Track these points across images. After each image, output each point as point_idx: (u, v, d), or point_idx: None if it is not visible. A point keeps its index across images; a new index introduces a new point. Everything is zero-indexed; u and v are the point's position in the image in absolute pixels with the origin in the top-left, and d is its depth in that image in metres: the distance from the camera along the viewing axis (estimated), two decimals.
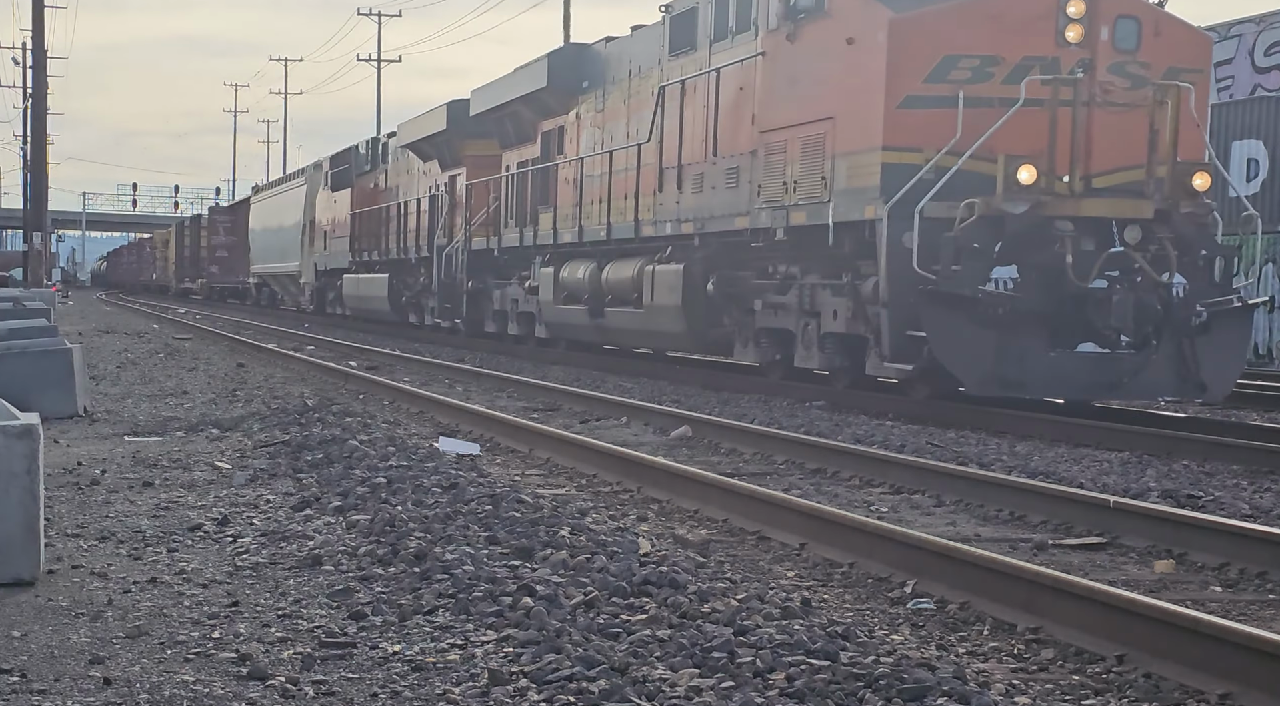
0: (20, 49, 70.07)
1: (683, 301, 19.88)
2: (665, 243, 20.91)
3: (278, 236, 55.16)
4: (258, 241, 60.98)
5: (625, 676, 4.83)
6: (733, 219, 18.56)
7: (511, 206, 28.54)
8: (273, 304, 61.14)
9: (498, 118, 28.57)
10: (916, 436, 13.31)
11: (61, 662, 5.11)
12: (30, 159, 57.21)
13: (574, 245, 24.77)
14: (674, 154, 20.47)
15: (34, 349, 13.96)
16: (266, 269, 58.73)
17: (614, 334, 23.64)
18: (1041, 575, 6.05)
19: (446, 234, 32.05)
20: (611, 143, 23.25)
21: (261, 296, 63.90)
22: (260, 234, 60.31)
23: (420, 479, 9.08)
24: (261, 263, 60.06)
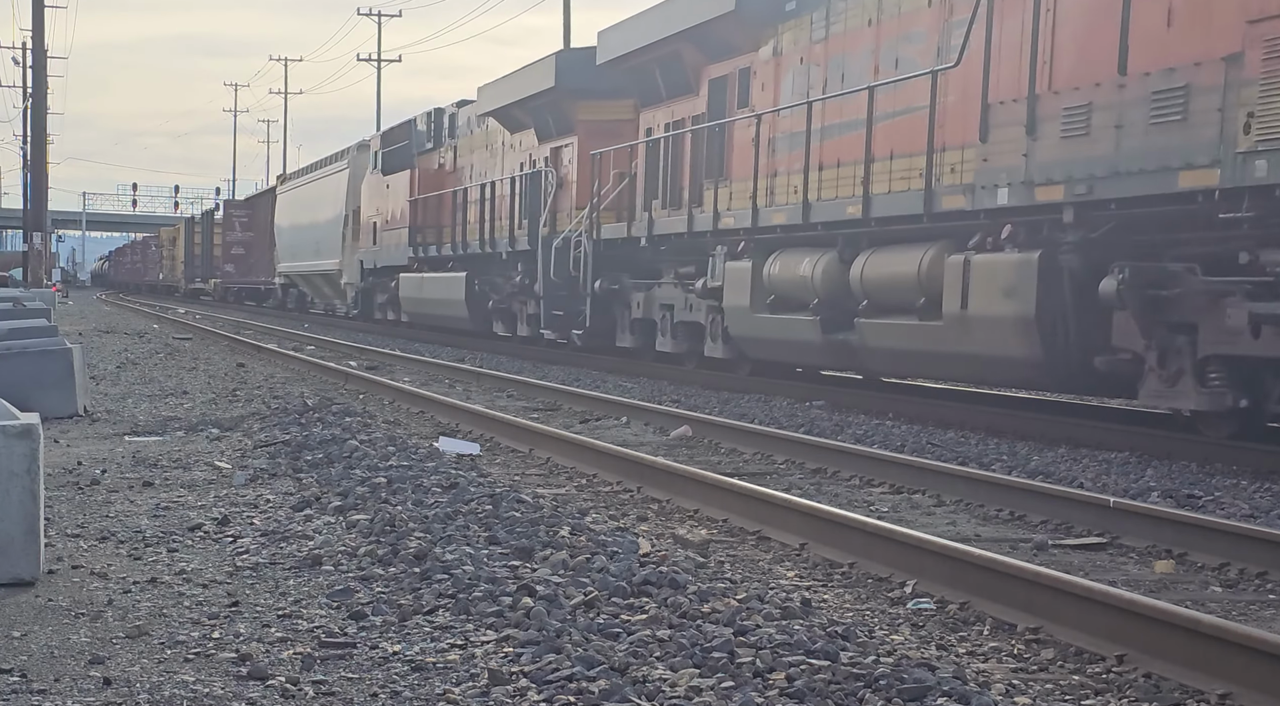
0: (20, 49, 70.13)
1: (1037, 311, 13.38)
2: (993, 218, 14.25)
3: (311, 231, 48.78)
4: (285, 237, 54.38)
5: (625, 676, 4.83)
6: (1170, 174, 11.82)
7: (661, 181, 21.97)
8: (302, 307, 55.02)
9: (637, 67, 22.42)
10: (916, 436, 13.31)
11: (61, 662, 5.11)
12: (30, 159, 57.20)
13: (791, 228, 18.05)
14: (1017, 77, 13.75)
15: (34, 349, 13.96)
16: (296, 267, 52.22)
17: (872, 357, 16.67)
18: (1041, 575, 6.05)
19: (551, 221, 25.97)
20: (849, 80, 16.87)
21: (288, 298, 57.29)
22: (288, 229, 53.89)
23: (420, 479, 9.08)
24: (290, 260, 53.42)
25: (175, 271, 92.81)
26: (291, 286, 55.50)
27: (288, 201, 54.74)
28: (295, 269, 52.42)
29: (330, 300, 49.28)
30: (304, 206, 50.62)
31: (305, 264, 50.13)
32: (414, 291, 34.38)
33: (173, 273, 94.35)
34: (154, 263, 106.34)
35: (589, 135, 24.96)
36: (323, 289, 49.15)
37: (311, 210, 48.83)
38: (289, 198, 54.77)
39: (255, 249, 67.28)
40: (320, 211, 47.12)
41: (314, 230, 47.96)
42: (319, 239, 46.99)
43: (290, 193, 55.06)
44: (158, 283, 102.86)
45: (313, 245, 48.06)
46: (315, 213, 48.08)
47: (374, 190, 39.21)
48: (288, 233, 53.76)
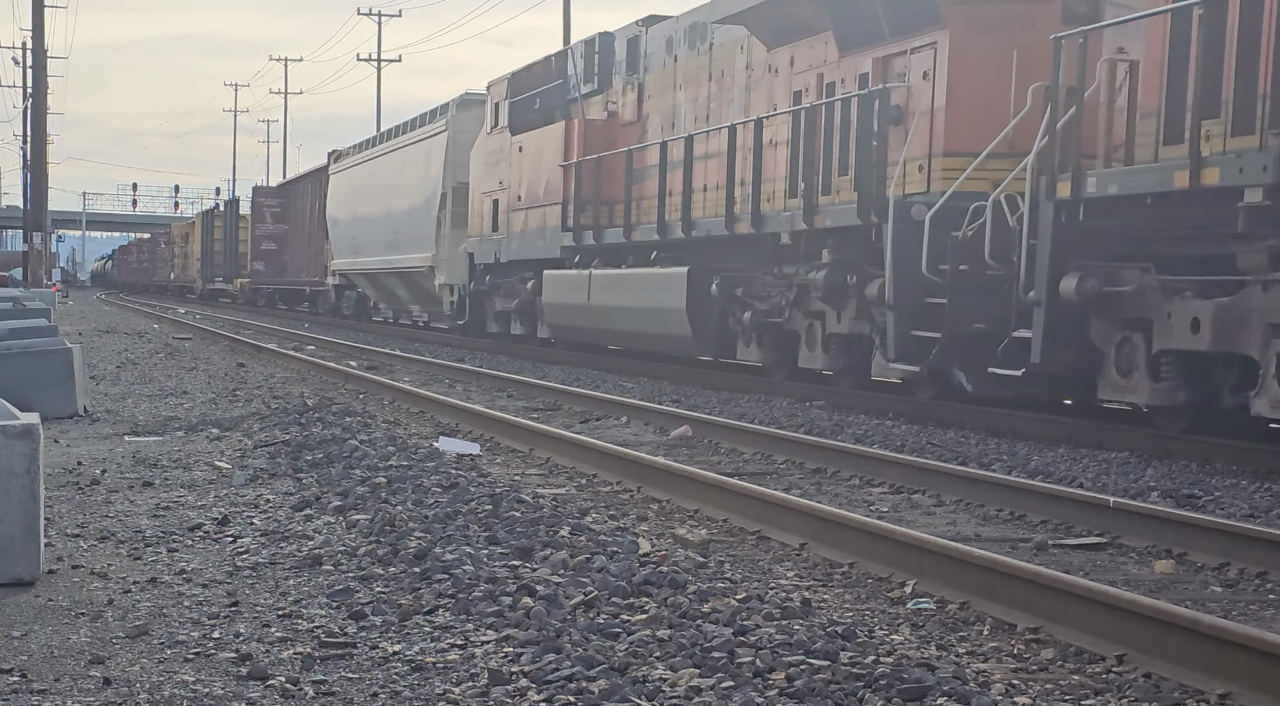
0: (20, 49, 70.13)
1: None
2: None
3: (383, 218, 38.40)
4: (344, 228, 43.47)
5: (625, 676, 4.83)
6: None
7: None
8: (363, 313, 44.89)
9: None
10: (916, 436, 13.31)
11: (61, 662, 5.11)
12: (30, 159, 57.20)
13: None
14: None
15: (34, 349, 13.96)
16: (359, 265, 41.36)
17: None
18: (1041, 575, 6.05)
19: (900, 179, 15.73)
20: None
21: (343, 303, 46.31)
22: (347, 218, 43.17)
23: (420, 479, 9.08)
24: (349, 256, 42.47)
25: (190, 270, 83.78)
26: (348, 288, 45.37)
27: (346, 183, 43.87)
28: (358, 267, 41.71)
29: (407, 305, 39.98)
30: (373, 187, 40.17)
31: (374, 260, 39.52)
32: (572, 295, 23.97)
33: (186, 271, 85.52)
34: (164, 261, 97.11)
35: (975, 30, 15.50)
36: (397, 291, 39.01)
37: (385, 191, 38.61)
38: (348, 179, 43.81)
39: (291, 243, 57.15)
40: (400, 192, 37.02)
41: (388, 217, 37.88)
42: (398, 227, 36.90)
43: (349, 172, 43.71)
44: (168, 283, 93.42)
45: (386, 235, 37.95)
46: (391, 194, 37.84)
47: (493, 156, 28.60)
48: (347, 223, 43.18)
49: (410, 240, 35.60)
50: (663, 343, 21.67)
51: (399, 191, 37.23)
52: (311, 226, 51.53)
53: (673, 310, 20.52)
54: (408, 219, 36.10)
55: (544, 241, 25.87)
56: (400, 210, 36.78)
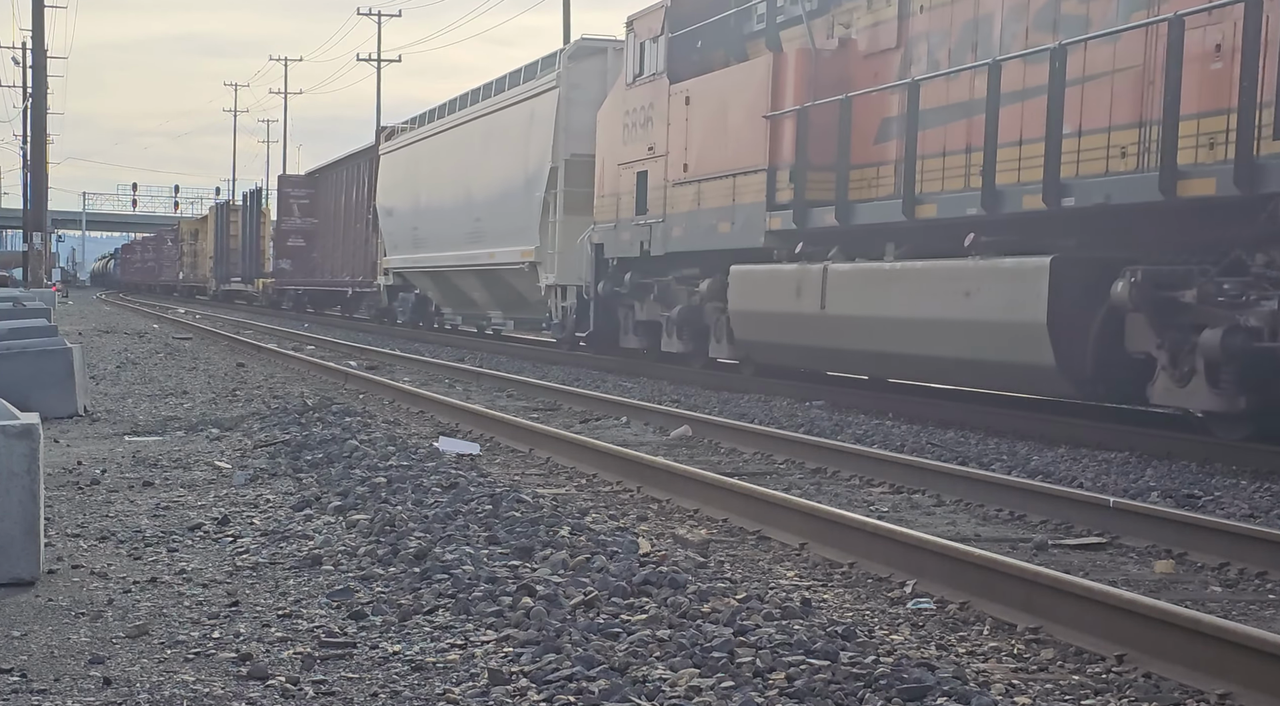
0: (20, 49, 70.17)
1: None
2: None
3: (460, 205, 31.82)
4: (401, 218, 37.00)
5: (625, 676, 4.83)
6: None
7: None
8: (423, 320, 37.65)
9: None
10: (916, 436, 13.31)
11: (61, 662, 5.11)
12: (30, 159, 57.24)
13: None
14: None
15: (34, 349, 13.96)
16: (421, 262, 35.01)
17: None
18: (1041, 575, 6.05)
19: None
20: None
21: (399, 307, 38.84)
22: (404, 206, 36.74)
23: (420, 479, 9.08)
24: (409, 252, 36.12)
25: (201, 269, 77.97)
26: (405, 289, 38.17)
27: (404, 165, 37.08)
28: (420, 264, 35.13)
29: (485, 311, 33.06)
30: (443, 167, 33.58)
31: (444, 256, 32.69)
32: (785, 300, 17.32)
33: (196, 271, 79.83)
34: (170, 260, 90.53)
35: None
36: (473, 294, 32.31)
37: (462, 171, 31.99)
38: (406, 159, 36.98)
39: (322, 239, 50.50)
40: (484, 171, 30.20)
41: (466, 203, 31.38)
42: (480, 215, 30.30)
43: (408, 151, 36.92)
44: (176, 283, 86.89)
45: (463, 226, 31.37)
46: (471, 174, 31.20)
47: (637, 115, 21.95)
48: (405, 212, 36.59)
49: (499, 231, 28.82)
50: (988, 375, 14.57)
51: (482, 170, 30.28)
52: (348, 219, 46.02)
53: (1019, 325, 13.54)
54: (496, 204, 29.16)
55: (732, 225, 18.84)
56: (485, 193, 30.14)
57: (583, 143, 25.24)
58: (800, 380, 18.60)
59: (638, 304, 22.64)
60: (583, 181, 25.07)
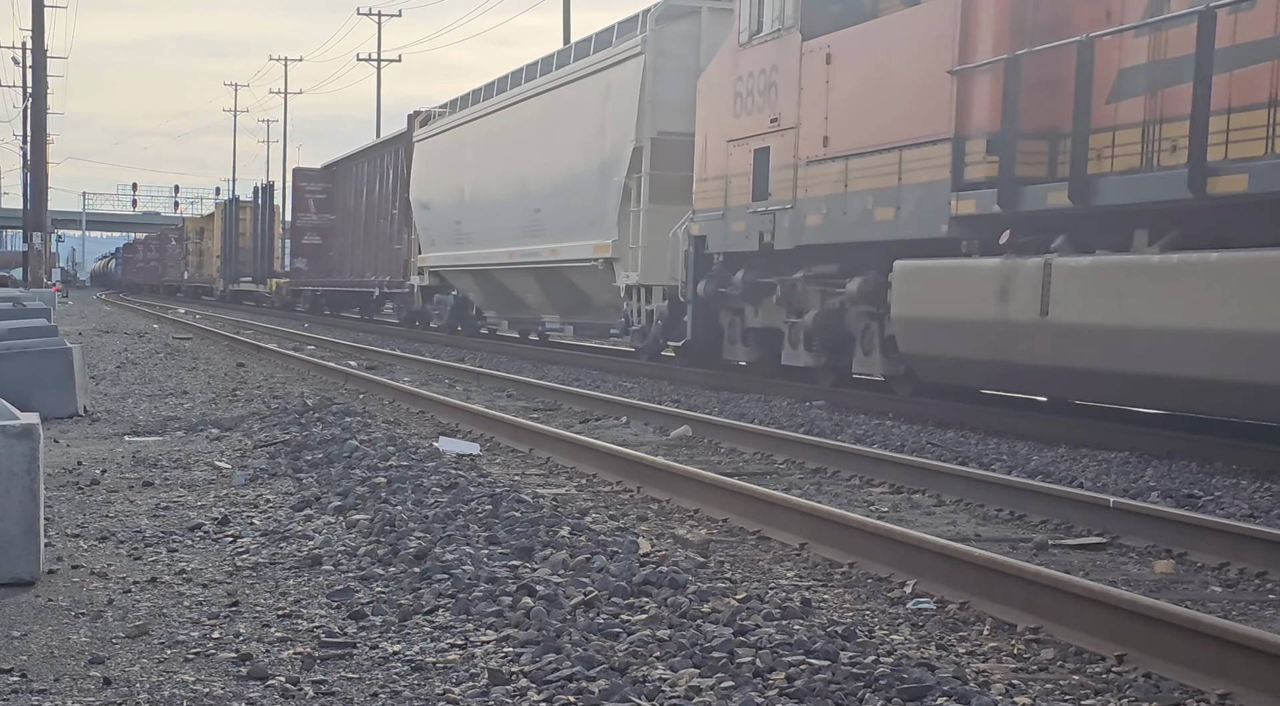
0: (20, 49, 70.20)
1: None
2: None
3: (514, 195, 28.26)
4: (438, 212, 33.49)
5: (625, 676, 4.83)
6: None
7: None
8: (462, 325, 33.78)
9: None
10: (916, 436, 13.31)
11: (61, 662, 5.11)
12: (30, 159, 57.26)
13: None
14: None
15: (34, 349, 13.96)
16: (465, 260, 31.32)
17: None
18: (1041, 575, 6.05)
19: None
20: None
21: (436, 311, 35.23)
22: (444, 199, 33.08)
23: (420, 479, 9.08)
24: (448, 249, 32.57)
25: (207, 269, 74.94)
26: (443, 290, 34.43)
27: (443, 152, 33.37)
28: (463, 262, 31.38)
29: (540, 314, 29.19)
30: (493, 152, 29.87)
31: (494, 253, 29.07)
32: (984, 305, 13.79)
33: (202, 270, 76.68)
34: (175, 259, 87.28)
35: None
36: (527, 295, 28.73)
37: (517, 155, 28.33)
38: (446, 146, 33.27)
39: (339, 236, 47.06)
40: (546, 154, 26.76)
41: (522, 192, 27.86)
42: (541, 205, 26.81)
43: (449, 137, 33.12)
44: (181, 283, 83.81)
45: (518, 218, 27.79)
46: (529, 158, 27.60)
47: (754, 81, 18.32)
48: (445, 205, 32.87)
49: (564, 224, 25.38)
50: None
51: (543, 154, 26.78)
52: (371, 214, 42.52)
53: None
54: (561, 193, 25.74)
55: (897, 211, 15.22)
56: (546, 181, 26.58)
57: (672, 118, 21.93)
58: (802, 380, 18.58)
59: (750, 308, 19.05)
60: (673, 163, 21.86)
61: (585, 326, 28.27)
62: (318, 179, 50.13)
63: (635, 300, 22.89)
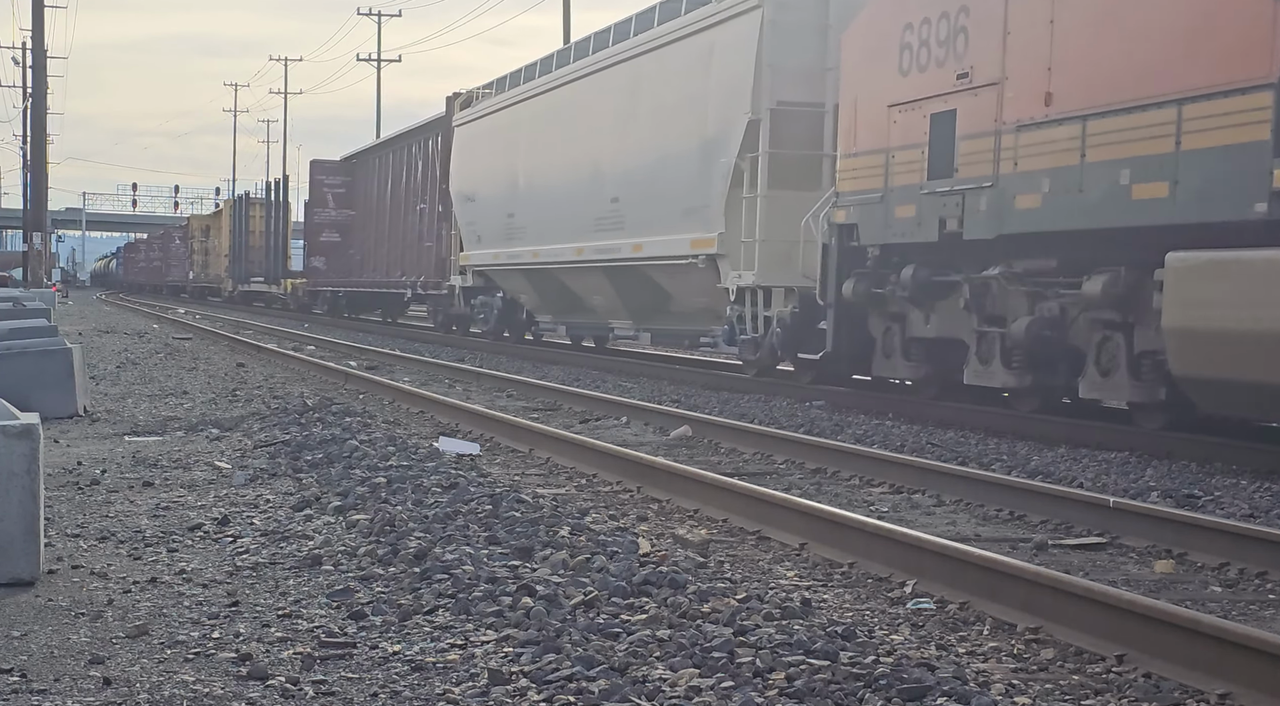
0: (20, 49, 70.22)
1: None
2: None
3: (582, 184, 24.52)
4: (485, 205, 29.57)
5: (625, 676, 4.83)
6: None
7: None
8: (510, 330, 30.04)
9: None
10: (916, 436, 13.31)
11: (61, 662, 5.11)
12: (30, 159, 57.27)
13: None
14: None
15: (34, 349, 13.96)
16: (519, 258, 27.48)
17: None
18: (1041, 575, 6.05)
19: None
20: None
21: (481, 314, 31.06)
22: (491, 190, 29.33)
23: (420, 479, 9.08)
24: (498, 245, 28.73)
25: (214, 269, 72.07)
26: (487, 292, 30.57)
27: (492, 137, 29.44)
28: (520, 260, 27.43)
29: (607, 321, 25.75)
30: (553, 136, 26.24)
31: (554, 249, 25.61)
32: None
33: (208, 270, 73.84)
34: (179, 259, 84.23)
35: None
36: (596, 298, 25.21)
37: (584, 138, 24.64)
38: (496, 130, 29.35)
39: (361, 233, 43.94)
40: (623, 134, 23.04)
41: (593, 180, 24.09)
42: (621, 194, 23.11)
43: (500, 118, 29.16)
44: (185, 283, 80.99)
45: (591, 210, 24.07)
46: (601, 140, 23.89)
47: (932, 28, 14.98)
48: (493, 197, 29.12)
49: (651, 215, 21.79)
50: None
51: (623, 134, 22.95)
52: (397, 209, 39.49)
53: None
54: (647, 179, 22.01)
55: (1173, 187, 11.65)
56: (627, 165, 22.81)
57: (797, 86, 18.60)
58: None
59: (918, 313, 15.55)
60: (797, 140, 18.72)
61: (666, 333, 24.74)
62: (336, 172, 46.66)
63: (754, 304, 19.06)
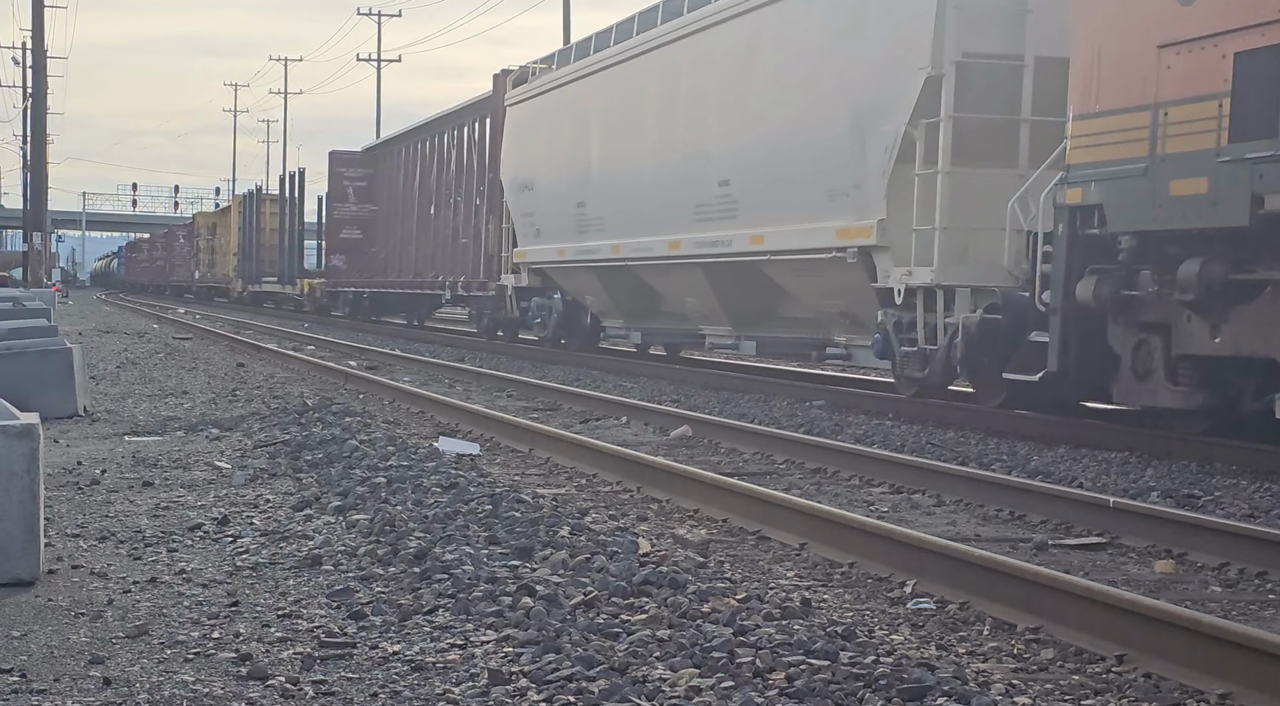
0: (20, 49, 70.21)
1: None
2: None
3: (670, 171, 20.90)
4: (547, 195, 25.75)
5: (625, 676, 4.83)
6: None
7: None
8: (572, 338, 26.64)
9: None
10: (916, 436, 13.31)
11: (61, 662, 5.11)
12: (30, 159, 57.28)
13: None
14: None
15: (34, 349, 13.96)
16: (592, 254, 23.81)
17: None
18: (1041, 575, 6.05)
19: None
20: None
21: (539, 317, 27.46)
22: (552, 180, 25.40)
23: (420, 479, 9.08)
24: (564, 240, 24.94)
25: (220, 268, 68.85)
26: (543, 293, 27.15)
27: (556, 116, 25.50)
28: (599, 256, 23.43)
29: (698, 327, 21.96)
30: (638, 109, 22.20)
31: (644, 243, 21.75)
32: None
33: (214, 270, 70.58)
34: (183, 258, 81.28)
35: None
36: (690, 299, 21.38)
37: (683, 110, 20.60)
38: (561, 107, 25.39)
39: (385, 229, 40.96)
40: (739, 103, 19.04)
41: (697, 160, 20.00)
42: (734, 175, 19.15)
43: (565, 93, 25.25)
44: (191, 283, 78.10)
45: (693, 195, 20.12)
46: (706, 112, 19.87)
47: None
48: (557, 184, 25.08)
49: (777, 199, 17.71)
50: None
51: (739, 101, 18.75)
52: (425, 203, 36.52)
53: None
54: (772, 156, 17.88)
55: None
56: (743, 139, 18.62)
57: (990, 33, 14.98)
58: (801, 380, 18.41)
59: (1198, 323, 11.77)
60: (989, 102, 15.07)
61: (775, 343, 20.36)
62: (357, 164, 43.38)
63: (929, 308, 15.30)
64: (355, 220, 43.03)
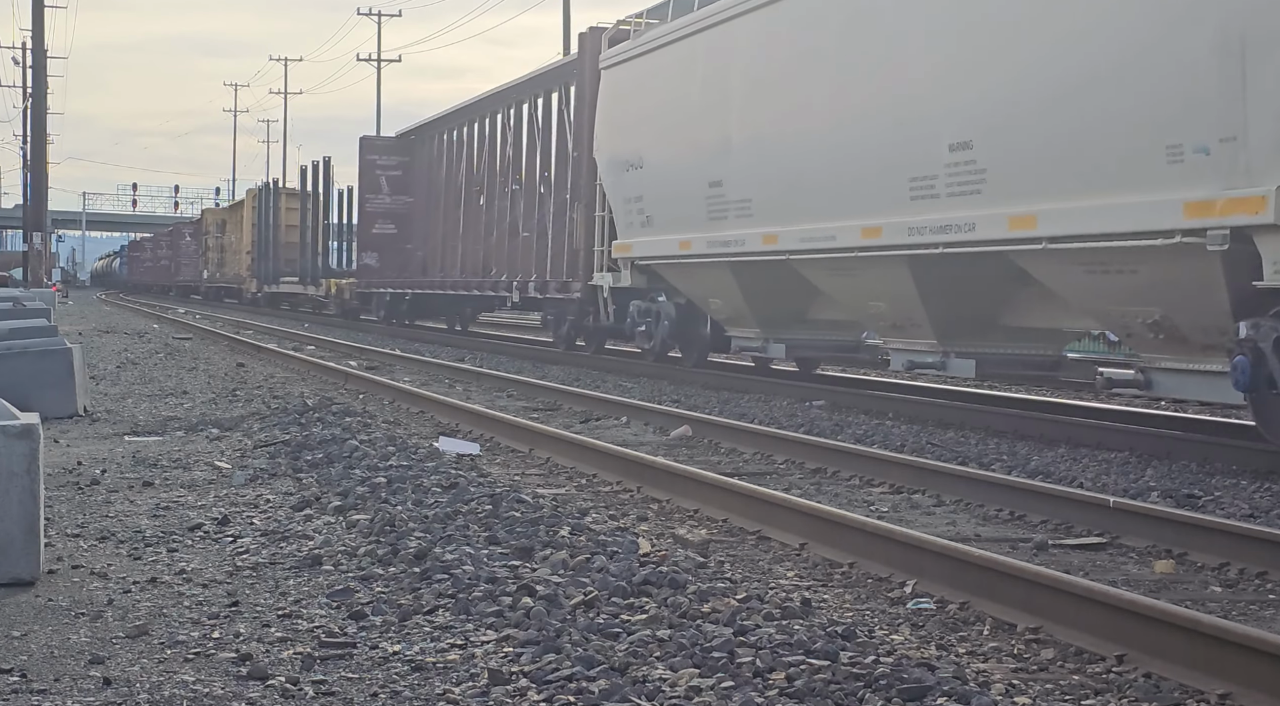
0: (20, 49, 70.26)
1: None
2: None
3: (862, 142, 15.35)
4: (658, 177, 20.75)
5: (625, 676, 4.83)
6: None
7: None
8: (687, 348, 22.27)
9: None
10: (916, 436, 13.31)
11: (61, 662, 5.12)
12: (30, 159, 57.31)
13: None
14: None
15: (34, 349, 13.96)
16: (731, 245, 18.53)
17: None
18: (1041, 575, 6.05)
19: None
20: None
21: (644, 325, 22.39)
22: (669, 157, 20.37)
23: (420, 479, 9.08)
24: (690, 230, 19.68)
25: (232, 268, 64.92)
26: (645, 295, 22.58)
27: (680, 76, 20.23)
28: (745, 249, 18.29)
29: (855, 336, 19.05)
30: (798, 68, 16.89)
31: (815, 229, 16.47)
32: None
33: (225, 269, 66.90)
34: (190, 257, 77.49)
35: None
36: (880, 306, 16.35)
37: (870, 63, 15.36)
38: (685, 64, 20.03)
39: (424, 223, 36.63)
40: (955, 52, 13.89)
41: (906, 122, 14.63)
42: (978, 138, 13.52)
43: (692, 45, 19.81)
44: (199, 283, 73.98)
45: (911, 169, 14.54)
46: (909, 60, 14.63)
47: None
48: (687, 162, 19.80)
49: (1055, 167, 12.60)
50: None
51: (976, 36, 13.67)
52: (472, 193, 32.47)
53: None
54: (1049, 106, 12.59)
55: None
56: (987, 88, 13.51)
57: None
58: (801, 380, 18.46)
59: None
60: None
61: (1000, 361, 15.68)
62: (391, 151, 38.46)
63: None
64: (389, 214, 38.08)
